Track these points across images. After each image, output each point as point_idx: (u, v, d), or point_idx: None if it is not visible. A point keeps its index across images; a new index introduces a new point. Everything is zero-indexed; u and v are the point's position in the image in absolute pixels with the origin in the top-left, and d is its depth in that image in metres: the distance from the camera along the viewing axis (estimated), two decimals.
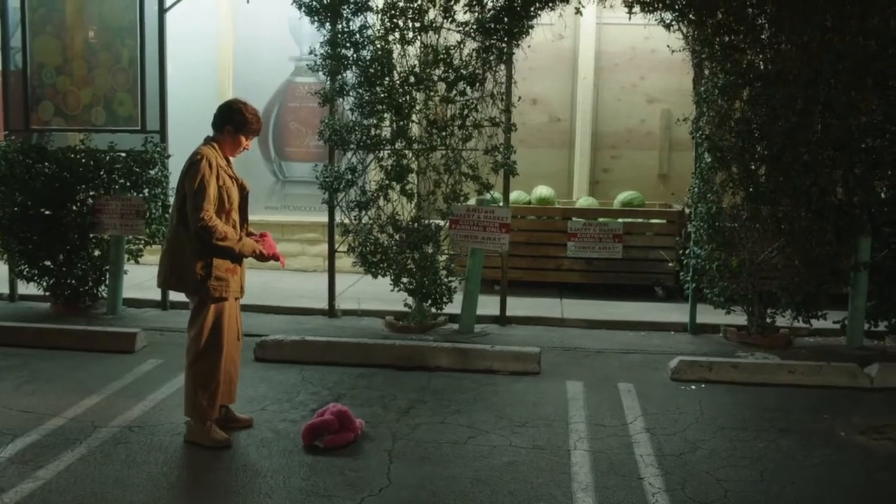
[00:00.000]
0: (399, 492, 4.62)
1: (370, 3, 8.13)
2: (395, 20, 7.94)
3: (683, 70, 8.39)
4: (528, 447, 5.29)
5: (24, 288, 9.28)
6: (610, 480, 4.80)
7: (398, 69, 8.02)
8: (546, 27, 8.69)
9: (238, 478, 4.75)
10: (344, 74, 8.20)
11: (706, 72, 7.81)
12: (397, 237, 8.24)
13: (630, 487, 4.72)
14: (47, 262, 8.82)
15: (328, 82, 8.30)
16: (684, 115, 8.02)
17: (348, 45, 8.08)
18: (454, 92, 7.97)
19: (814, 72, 7.28)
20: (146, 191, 8.82)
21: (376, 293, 9.04)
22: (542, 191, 10.33)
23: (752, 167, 7.66)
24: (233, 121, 5.30)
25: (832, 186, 7.57)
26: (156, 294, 9.17)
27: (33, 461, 4.93)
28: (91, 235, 8.83)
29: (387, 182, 8.17)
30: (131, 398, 6.10)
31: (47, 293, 8.96)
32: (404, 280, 8.26)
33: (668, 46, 8.05)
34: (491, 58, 7.99)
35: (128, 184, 8.81)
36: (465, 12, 7.97)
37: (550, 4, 7.92)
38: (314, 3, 8.12)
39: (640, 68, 11.39)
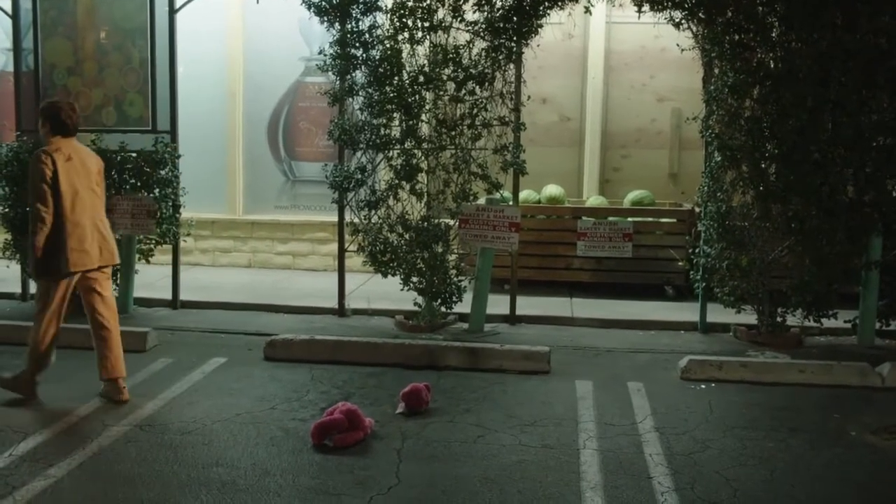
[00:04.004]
0: (408, 491, 4.63)
1: (379, 3, 8.16)
2: (404, 20, 7.95)
3: (693, 69, 8.37)
4: (538, 446, 5.29)
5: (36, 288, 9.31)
6: (619, 480, 4.80)
7: (407, 69, 8.03)
8: (555, 26, 8.68)
9: (247, 476, 4.76)
10: (353, 74, 8.22)
11: (716, 70, 7.79)
12: (407, 236, 8.26)
13: (639, 487, 4.71)
14: None
15: (338, 82, 8.32)
16: (694, 114, 8.01)
17: (358, 44, 8.10)
18: (463, 91, 7.98)
19: (824, 70, 7.25)
20: (157, 191, 8.85)
21: (386, 292, 9.05)
22: (552, 190, 10.32)
23: (763, 166, 7.64)
24: None
25: (843, 185, 7.54)
26: (167, 294, 9.22)
27: (45, 459, 4.96)
28: None
29: (396, 181, 8.18)
30: (142, 397, 6.13)
31: None
32: (414, 279, 8.27)
33: (678, 45, 8.04)
34: (500, 57, 8.00)
35: (138, 184, 8.84)
36: (474, 12, 7.97)
37: (560, 3, 7.92)
38: (323, 3, 8.14)
39: (649, 67, 11.37)
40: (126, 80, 9.10)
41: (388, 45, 8.01)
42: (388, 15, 8.05)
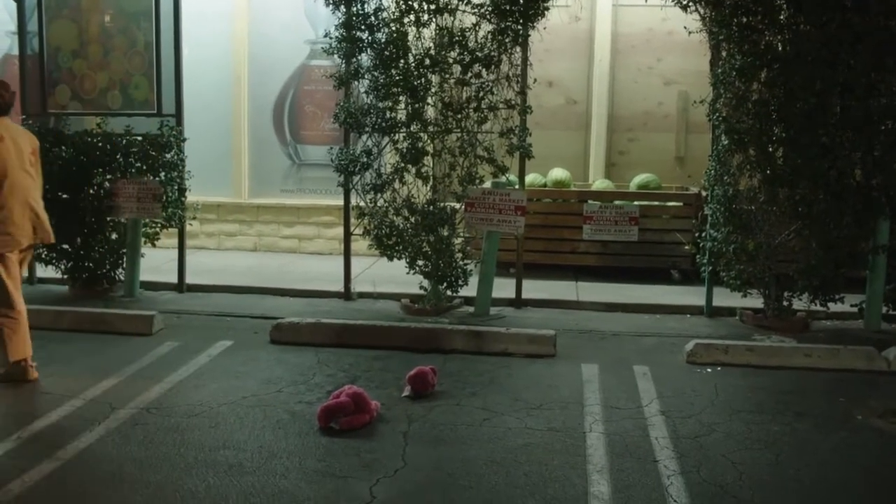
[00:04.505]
0: (414, 473, 4.64)
1: None
2: (409, 2, 7.90)
3: (701, 51, 8.32)
4: (544, 429, 5.29)
5: (43, 271, 9.37)
6: (625, 463, 4.81)
7: (413, 52, 8.00)
8: (562, 8, 8.63)
9: (254, 459, 4.78)
10: (359, 57, 8.19)
11: (723, 53, 7.74)
12: (413, 220, 8.25)
13: (645, 470, 4.72)
14: (65, 246, 8.88)
15: (343, 65, 8.29)
16: (701, 98, 7.97)
17: (363, 27, 8.06)
18: (469, 74, 7.94)
19: (833, 53, 7.20)
20: (162, 174, 8.85)
21: (392, 276, 9.05)
22: (558, 173, 10.29)
23: (770, 149, 7.60)
24: None
25: (851, 169, 7.49)
26: (173, 277, 9.24)
27: (52, 442, 4.98)
28: (108, 219, 8.88)
29: (402, 165, 8.17)
30: (148, 380, 6.15)
31: (65, 276, 9.04)
32: (420, 263, 8.27)
33: (686, 28, 7.99)
34: (506, 40, 7.95)
35: (144, 167, 8.84)
36: None
37: None
38: None
39: (656, 50, 11.31)
40: (131, 63, 9.08)
41: (393, 28, 7.97)
42: None
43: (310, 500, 4.29)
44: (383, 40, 8.01)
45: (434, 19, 7.97)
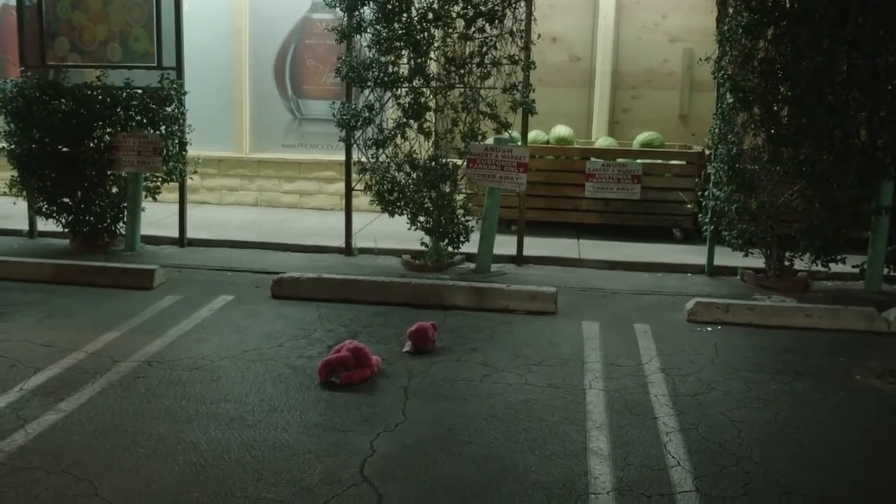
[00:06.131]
0: (414, 427, 4.67)
1: None
2: None
3: (706, 8, 8.24)
4: (544, 386, 5.32)
5: (44, 224, 9.35)
6: (624, 419, 4.83)
7: (416, 5, 7.90)
8: None
9: (255, 412, 4.81)
10: (361, 10, 8.09)
11: (730, 10, 7.65)
12: (414, 176, 8.21)
13: (644, 426, 4.74)
14: (66, 199, 8.86)
15: (345, 18, 8.20)
16: (706, 55, 7.88)
17: None
18: (473, 29, 7.86)
19: (841, 10, 7.10)
20: (163, 128, 8.79)
21: (393, 232, 9.04)
22: (561, 130, 10.23)
23: (775, 108, 7.54)
24: None
25: (856, 129, 7.45)
26: (174, 231, 9.23)
27: (55, 394, 5.01)
28: (109, 172, 8.84)
29: (404, 120, 8.11)
30: (150, 334, 6.16)
31: (66, 230, 9.02)
32: (421, 219, 8.25)
33: None
34: None
35: (144, 121, 8.78)
36: None
37: None
38: None
39: (662, 6, 11.17)
40: (131, 14, 8.98)
41: None
42: None
43: (310, 453, 4.32)
44: None
45: None
